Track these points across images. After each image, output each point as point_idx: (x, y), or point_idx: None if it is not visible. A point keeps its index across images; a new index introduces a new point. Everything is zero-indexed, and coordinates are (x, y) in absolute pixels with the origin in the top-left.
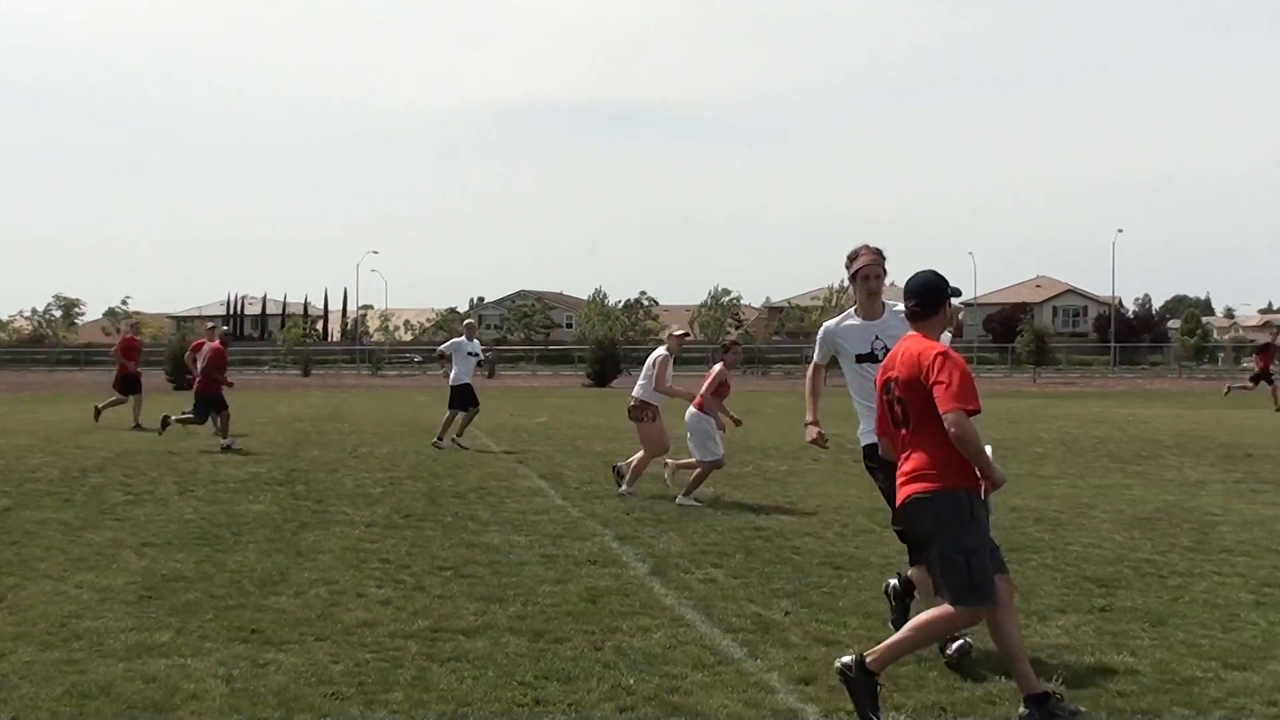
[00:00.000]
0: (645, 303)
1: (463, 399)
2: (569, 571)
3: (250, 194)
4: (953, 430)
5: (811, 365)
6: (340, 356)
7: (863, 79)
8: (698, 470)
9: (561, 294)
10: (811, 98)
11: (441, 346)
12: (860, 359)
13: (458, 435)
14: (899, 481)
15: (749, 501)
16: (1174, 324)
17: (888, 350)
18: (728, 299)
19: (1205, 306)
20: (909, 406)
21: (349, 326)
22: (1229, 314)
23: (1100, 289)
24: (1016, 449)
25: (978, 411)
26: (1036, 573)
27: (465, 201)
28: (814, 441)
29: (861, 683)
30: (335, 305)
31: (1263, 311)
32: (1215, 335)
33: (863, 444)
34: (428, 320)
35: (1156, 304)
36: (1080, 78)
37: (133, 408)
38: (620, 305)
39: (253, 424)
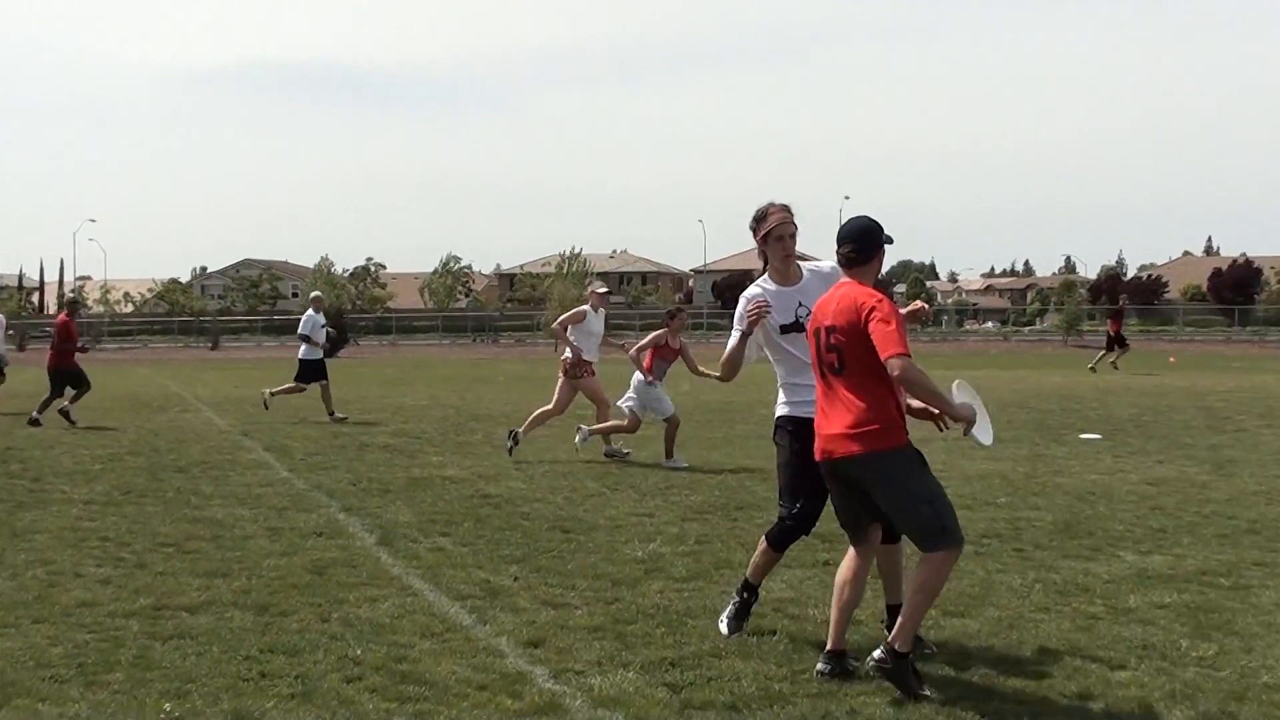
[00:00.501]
0: (373, 269)
1: (319, 372)
2: (295, 544)
3: None
4: (897, 374)
5: (731, 345)
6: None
7: (591, 44)
8: (667, 431)
9: (287, 262)
10: (540, 61)
11: (303, 329)
12: (784, 329)
13: (331, 411)
14: (828, 430)
15: (478, 469)
16: (900, 288)
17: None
18: (458, 266)
19: (930, 271)
20: (847, 356)
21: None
22: (952, 278)
23: (831, 255)
24: (744, 411)
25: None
26: (762, 530)
27: (185, 168)
28: None
29: (900, 667)
30: (51, 277)
31: (986, 275)
32: (939, 299)
33: (779, 413)
34: (149, 291)
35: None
36: (808, 47)
37: None
38: (348, 273)
39: None
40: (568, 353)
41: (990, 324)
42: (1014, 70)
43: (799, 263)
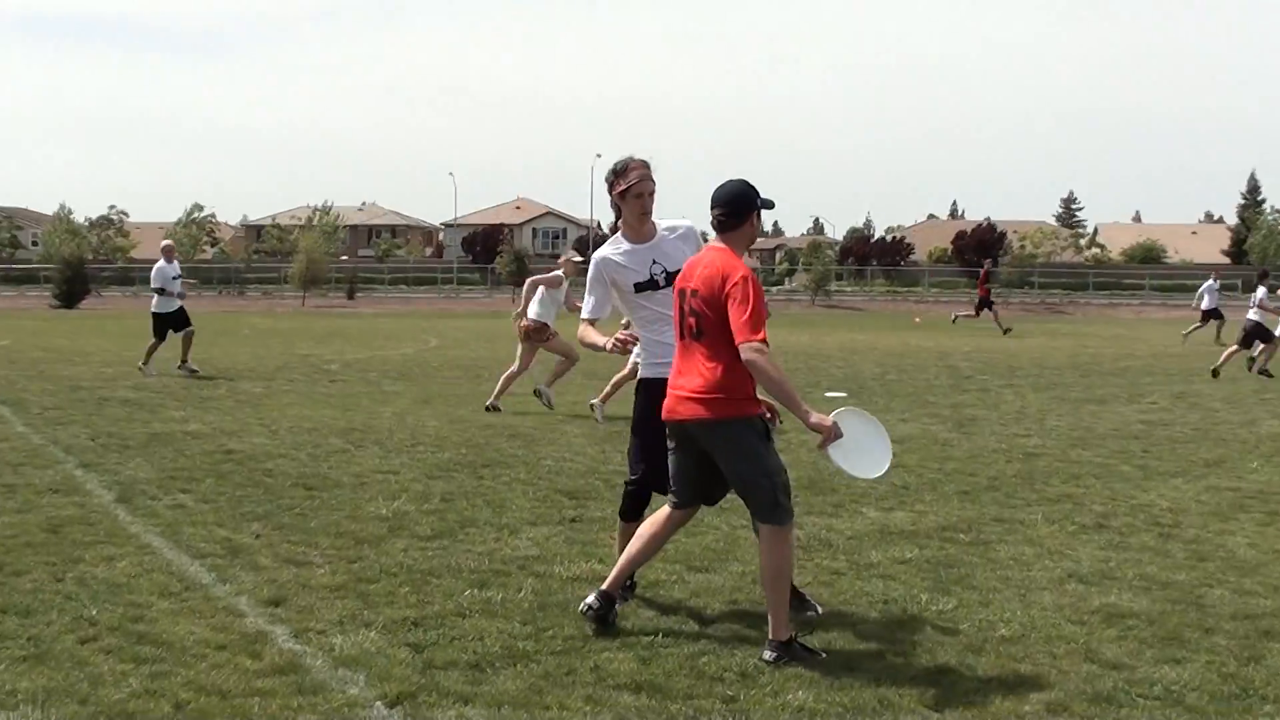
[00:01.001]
0: (115, 219)
1: (176, 323)
2: (29, 501)
3: None
4: (748, 359)
5: (583, 323)
6: None
7: None
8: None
9: (26, 209)
10: (286, 6)
11: (155, 283)
12: (639, 288)
13: (184, 361)
14: (678, 392)
15: (221, 424)
16: None
17: (668, 274)
18: (202, 216)
19: None
20: (704, 323)
21: None
22: (704, 237)
23: (580, 212)
24: (493, 368)
25: (763, 341)
26: (509, 488)
27: None
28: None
29: (792, 652)
30: None
31: None
32: None
33: (640, 375)
34: None
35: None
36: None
37: None
38: (89, 223)
39: None
40: (529, 316)
41: None
42: (744, 25)
43: (654, 221)
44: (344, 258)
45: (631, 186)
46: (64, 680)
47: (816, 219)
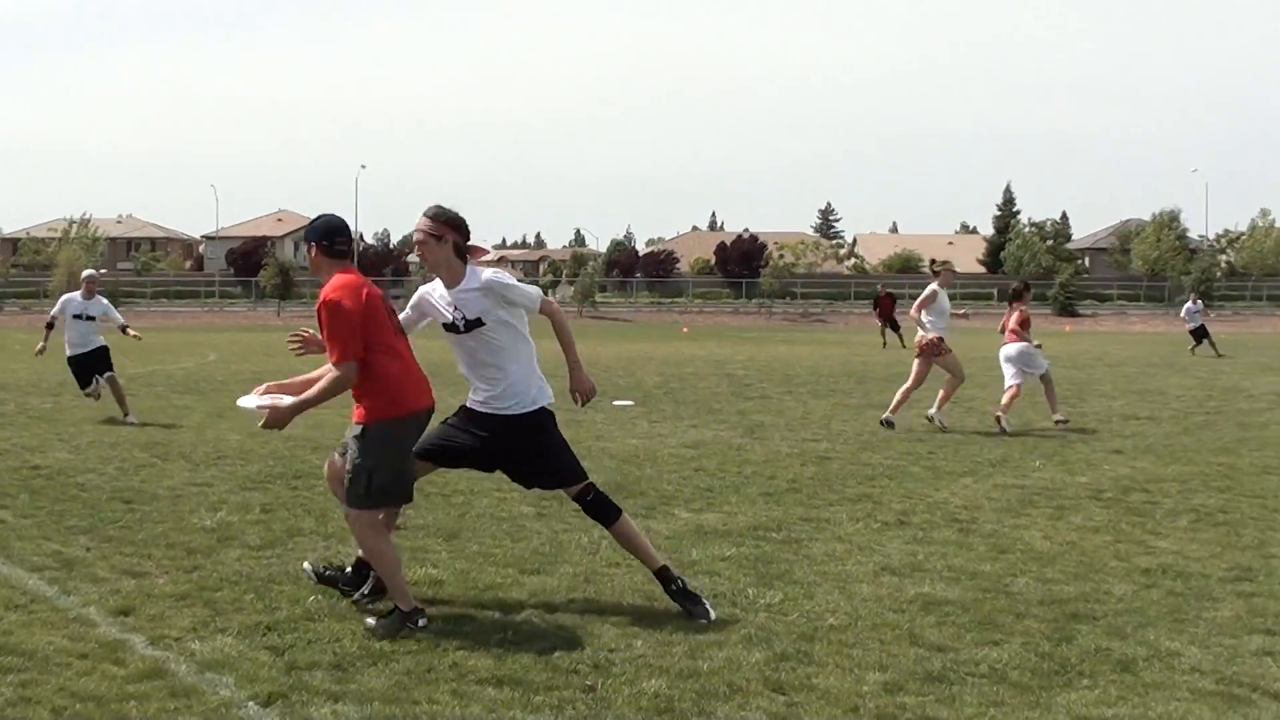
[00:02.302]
0: None
1: (89, 368)
2: None
3: None
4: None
5: None
6: None
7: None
8: (1014, 393)
9: None
10: (41, 17)
11: (52, 311)
12: (446, 328)
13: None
14: None
15: (18, 440)
16: (413, 258)
17: (466, 321)
18: None
19: None
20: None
21: None
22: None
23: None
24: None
25: (353, 359)
26: (325, 497)
27: None
28: None
29: (398, 622)
30: None
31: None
32: None
33: (464, 403)
34: None
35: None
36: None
37: None
38: None
39: None
40: (928, 334)
41: None
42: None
43: (470, 266)
44: (103, 271)
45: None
46: None
47: (578, 230)
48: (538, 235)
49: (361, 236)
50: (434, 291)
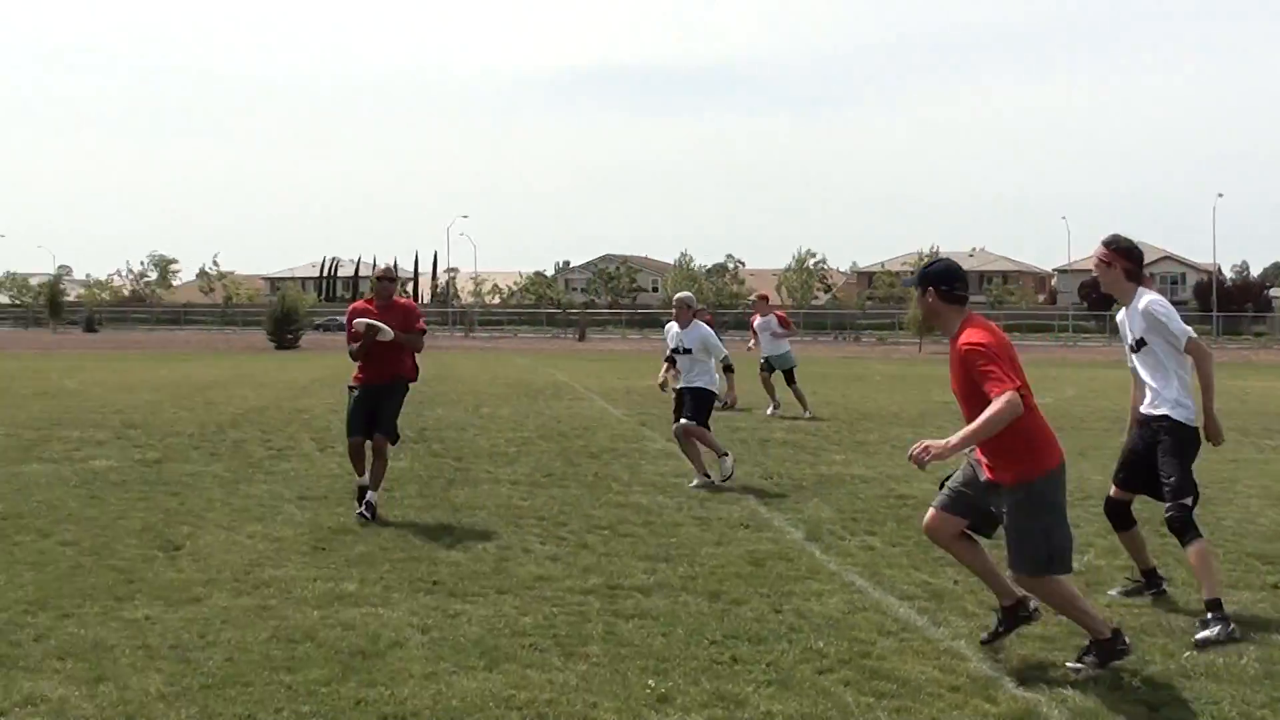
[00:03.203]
0: (731, 265)
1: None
2: (725, 534)
3: (343, 158)
4: None
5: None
6: (432, 318)
7: (938, 39)
8: None
9: (646, 258)
10: (885, 58)
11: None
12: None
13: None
14: None
15: (884, 469)
16: (1275, 292)
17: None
18: (813, 262)
19: None
20: None
21: (439, 289)
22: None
23: (1195, 255)
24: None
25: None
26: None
27: (553, 166)
28: None
29: None
30: (424, 268)
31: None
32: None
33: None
34: (514, 284)
35: (1255, 270)
36: (1171, 37)
37: None
38: (705, 270)
39: None
40: None
41: None
42: None
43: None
44: None
45: None
46: (813, 708)
47: None
48: None
49: (1219, 270)
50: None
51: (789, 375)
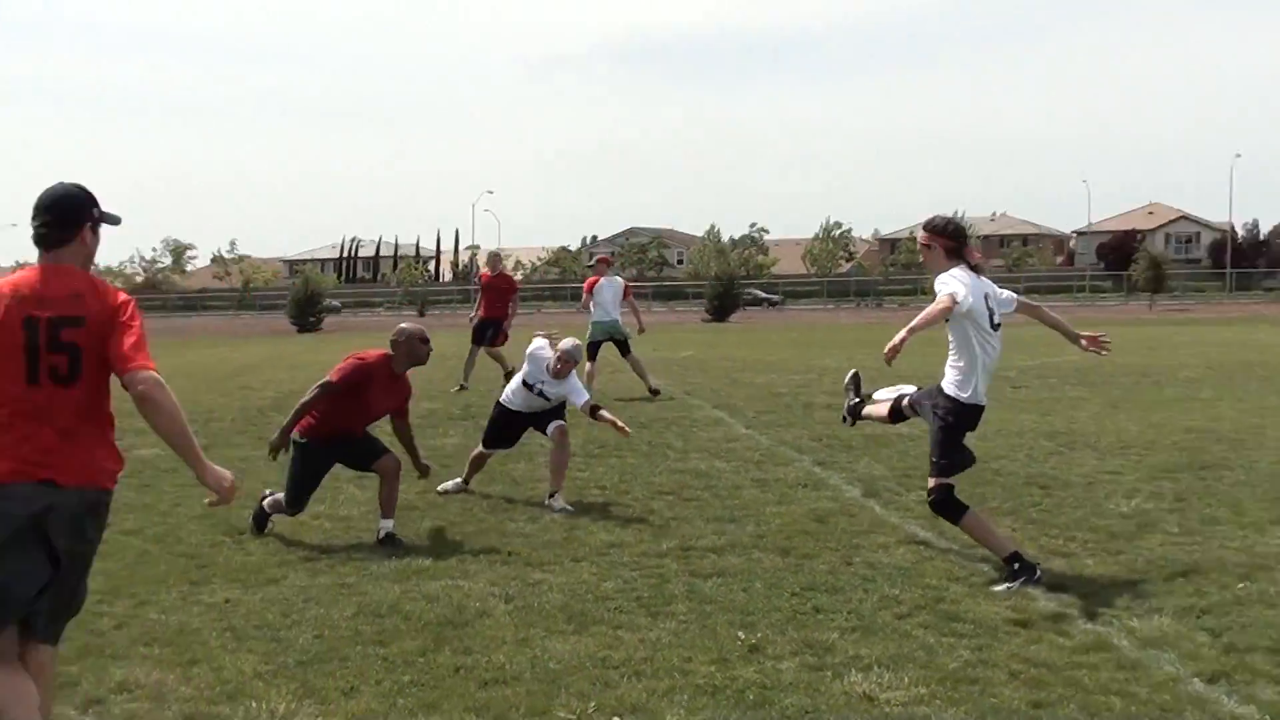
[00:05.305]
0: (756, 236)
1: None
2: (786, 494)
3: (358, 138)
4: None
5: None
6: (454, 296)
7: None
8: None
9: (673, 230)
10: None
11: None
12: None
13: None
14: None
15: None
16: None
17: None
18: (838, 231)
19: None
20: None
21: (460, 266)
22: None
23: (1210, 215)
24: (1166, 374)
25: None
26: (1234, 489)
27: (576, 141)
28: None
29: None
30: (446, 246)
31: None
32: None
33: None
34: (538, 259)
35: (1265, 228)
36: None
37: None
38: (730, 241)
39: None
40: None
41: None
42: None
43: None
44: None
45: None
46: (898, 649)
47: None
48: None
49: (1233, 228)
50: None
51: (623, 346)
